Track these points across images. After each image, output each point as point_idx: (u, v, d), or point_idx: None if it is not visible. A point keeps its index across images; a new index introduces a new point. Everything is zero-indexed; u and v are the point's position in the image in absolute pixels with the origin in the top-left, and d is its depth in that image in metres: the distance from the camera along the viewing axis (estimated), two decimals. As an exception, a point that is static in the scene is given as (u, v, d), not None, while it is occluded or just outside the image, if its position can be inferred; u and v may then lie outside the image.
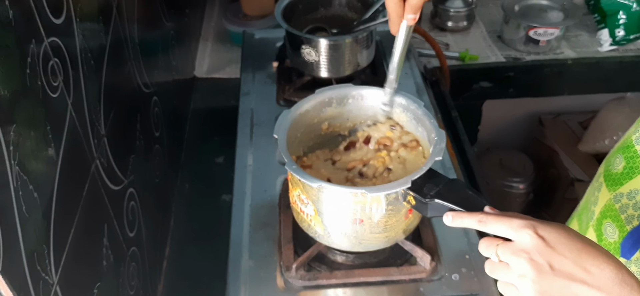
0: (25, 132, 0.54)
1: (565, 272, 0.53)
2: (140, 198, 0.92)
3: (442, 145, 0.76)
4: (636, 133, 0.71)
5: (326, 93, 0.89)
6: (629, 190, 0.70)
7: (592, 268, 0.52)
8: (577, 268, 0.52)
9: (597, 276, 0.52)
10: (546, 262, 0.53)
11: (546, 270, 0.53)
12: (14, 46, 0.54)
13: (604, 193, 0.75)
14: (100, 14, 0.79)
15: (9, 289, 0.49)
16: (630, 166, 0.71)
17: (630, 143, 0.72)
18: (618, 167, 0.73)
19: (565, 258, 0.53)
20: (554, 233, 0.54)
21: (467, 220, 0.62)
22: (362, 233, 0.78)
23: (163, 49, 1.18)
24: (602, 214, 0.75)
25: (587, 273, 0.52)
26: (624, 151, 0.73)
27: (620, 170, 0.72)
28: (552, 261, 0.53)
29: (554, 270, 0.53)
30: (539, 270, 0.53)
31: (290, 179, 0.84)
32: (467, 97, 1.65)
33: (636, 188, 0.69)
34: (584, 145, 1.98)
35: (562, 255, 0.53)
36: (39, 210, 0.56)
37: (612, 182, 0.74)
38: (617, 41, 1.62)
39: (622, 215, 0.71)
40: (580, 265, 0.52)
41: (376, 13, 1.14)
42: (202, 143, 1.34)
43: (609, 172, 0.75)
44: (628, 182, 0.71)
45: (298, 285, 0.83)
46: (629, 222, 0.70)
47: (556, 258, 0.53)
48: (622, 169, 0.72)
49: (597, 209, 0.77)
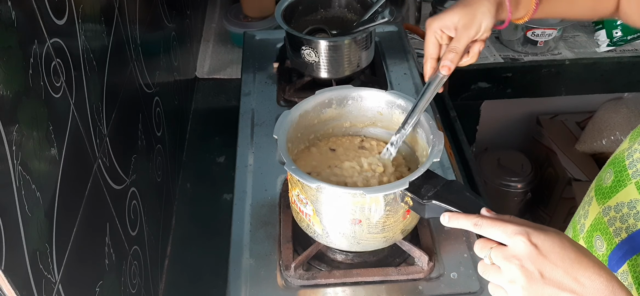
0: (27, 132, 0.55)
1: (555, 281, 0.53)
2: (142, 198, 0.92)
3: (440, 146, 0.77)
4: (629, 149, 0.71)
5: (326, 94, 0.90)
6: (616, 203, 0.71)
7: (583, 278, 0.53)
8: (567, 278, 0.53)
9: (587, 287, 0.52)
10: (537, 270, 0.54)
11: (536, 278, 0.54)
12: (17, 47, 0.54)
13: (594, 207, 0.75)
14: (102, 15, 0.80)
15: (11, 288, 0.50)
16: (619, 179, 0.71)
17: (621, 158, 0.72)
18: (608, 181, 0.73)
19: (556, 267, 0.53)
20: (547, 242, 0.54)
21: (464, 221, 0.63)
22: (361, 233, 0.79)
23: (164, 50, 1.18)
24: (592, 227, 0.75)
25: (577, 283, 0.53)
26: (614, 165, 0.73)
27: (609, 184, 0.72)
28: (543, 269, 0.54)
29: (544, 279, 0.53)
30: (529, 277, 0.54)
31: (289, 179, 0.85)
32: (466, 97, 1.66)
33: (623, 201, 0.69)
34: (581, 145, 1.98)
35: (554, 264, 0.53)
36: (42, 209, 0.56)
37: (602, 196, 0.74)
38: (615, 42, 1.62)
39: (610, 227, 0.71)
40: (570, 275, 0.53)
41: (375, 14, 1.14)
42: (204, 143, 1.35)
43: (599, 186, 0.76)
44: (616, 195, 0.71)
45: (297, 284, 0.84)
46: (617, 234, 0.70)
47: (547, 266, 0.54)
48: (611, 183, 0.72)
49: (588, 222, 0.77)
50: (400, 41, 1.38)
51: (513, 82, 1.65)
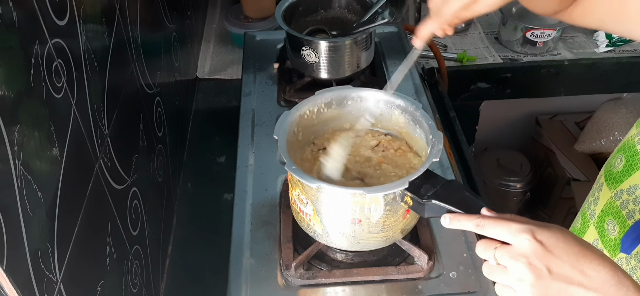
0: (29, 132, 0.55)
1: (563, 275, 0.54)
2: (143, 197, 0.93)
3: (440, 146, 0.77)
4: (638, 136, 0.72)
5: (326, 94, 0.90)
6: (628, 186, 0.71)
7: (589, 270, 0.53)
8: (574, 271, 0.53)
9: (593, 279, 0.53)
10: (544, 266, 0.54)
11: (544, 274, 0.54)
12: (18, 47, 0.55)
13: (605, 192, 0.76)
14: (103, 16, 0.80)
15: (13, 287, 0.50)
16: (630, 163, 0.72)
17: (631, 143, 0.73)
18: (618, 167, 0.74)
19: (562, 261, 0.54)
20: (551, 238, 0.55)
21: (465, 222, 0.63)
22: (361, 233, 0.79)
23: (165, 50, 1.19)
24: (603, 212, 0.76)
25: (584, 276, 0.53)
26: (625, 151, 0.74)
27: (621, 169, 0.73)
28: (550, 265, 0.54)
29: (552, 274, 0.54)
30: (538, 274, 0.54)
31: (289, 179, 0.85)
32: (465, 97, 1.66)
33: (636, 184, 0.70)
34: (580, 145, 1.99)
35: (560, 259, 0.54)
36: (43, 209, 0.57)
37: (613, 181, 0.75)
38: (614, 42, 1.63)
39: (623, 210, 0.72)
40: (577, 268, 0.53)
41: (375, 15, 1.15)
42: (204, 143, 1.35)
43: (609, 171, 0.76)
44: (628, 179, 0.71)
45: (297, 283, 0.84)
46: (631, 216, 0.71)
47: (554, 262, 0.54)
48: (622, 167, 0.73)
49: (598, 208, 0.78)
50: (400, 42, 1.38)
51: (512, 83, 1.65)
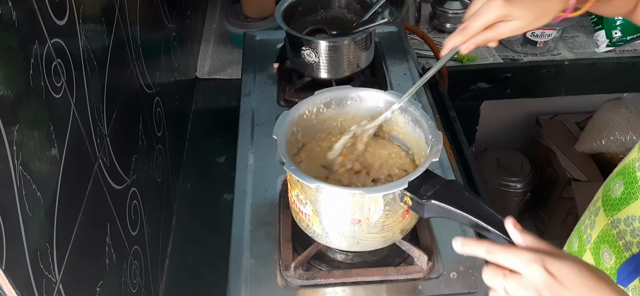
0: (28, 132, 0.55)
1: None
2: (142, 198, 0.92)
3: (439, 146, 0.77)
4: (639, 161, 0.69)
5: (325, 94, 0.90)
6: (626, 216, 0.69)
7: None
8: None
9: None
10: None
11: None
12: (17, 47, 0.55)
13: (601, 217, 0.74)
14: (103, 16, 0.80)
15: (12, 287, 0.50)
16: (629, 191, 0.69)
17: (632, 168, 0.70)
18: (617, 192, 0.72)
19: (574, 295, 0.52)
20: (564, 269, 0.53)
21: (476, 248, 0.60)
22: (360, 233, 0.79)
23: (165, 50, 1.19)
24: (599, 238, 0.74)
25: None
26: (624, 176, 0.71)
27: (619, 195, 0.71)
28: None
29: None
30: None
31: (289, 179, 0.85)
32: (465, 97, 1.66)
33: (633, 215, 0.68)
34: (580, 145, 1.99)
35: (571, 292, 0.52)
36: (42, 209, 0.57)
37: (610, 207, 0.72)
38: (614, 42, 1.63)
39: (619, 241, 0.70)
40: None
41: (375, 15, 1.15)
42: (204, 143, 1.35)
43: (607, 196, 0.74)
44: (626, 208, 0.69)
45: (297, 284, 0.84)
46: (628, 248, 0.69)
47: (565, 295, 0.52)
48: (620, 194, 0.71)
49: (594, 233, 0.76)
50: (400, 42, 1.38)
51: (513, 82, 1.65)
